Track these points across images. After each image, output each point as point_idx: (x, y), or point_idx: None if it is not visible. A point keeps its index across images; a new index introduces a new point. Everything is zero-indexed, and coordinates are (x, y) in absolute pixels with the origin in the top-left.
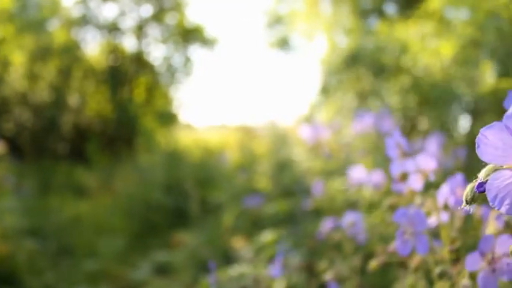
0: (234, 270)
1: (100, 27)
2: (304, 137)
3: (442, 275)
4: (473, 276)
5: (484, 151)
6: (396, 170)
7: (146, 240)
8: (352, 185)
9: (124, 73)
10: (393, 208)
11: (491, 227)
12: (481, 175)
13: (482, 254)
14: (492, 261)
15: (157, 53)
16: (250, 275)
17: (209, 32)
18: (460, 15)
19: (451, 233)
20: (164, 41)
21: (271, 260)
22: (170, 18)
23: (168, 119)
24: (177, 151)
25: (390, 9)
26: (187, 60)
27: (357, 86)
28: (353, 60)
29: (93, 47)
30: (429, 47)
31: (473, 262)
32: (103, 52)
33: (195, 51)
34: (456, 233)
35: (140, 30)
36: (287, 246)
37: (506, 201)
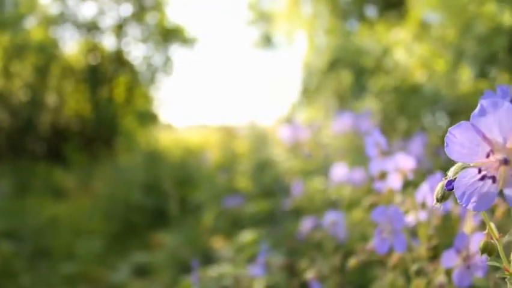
0: (214, 271)
1: (79, 25)
2: (284, 137)
3: (419, 272)
4: (449, 272)
5: (452, 149)
6: (375, 168)
7: (125, 241)
8: (332, 184)
9: (104, 72)
10: (373, 207)
11: (467, 225)
12: (450, 173)
13: (458, 251)
14: (467, 258)
15: (137, 52)
16: (231, 275)
17: (189, 31)
18: (438, 20)
19: (428, 231)
20: (144, 40)
21: (251, 259)
22: (151, 18)
23: (148, 118)
24: (157, 151)
25: (370, 11)
26: (168, 59)
27: (338, 87)
28: (334, 62)
29: (71, 45)
30: (409, 49)
31: (449, 259)
32: (82, 51)
33: (175, 50)
34: (433, 231)
35: (120, 29)
36: (267, 246)
37: (473, 199)
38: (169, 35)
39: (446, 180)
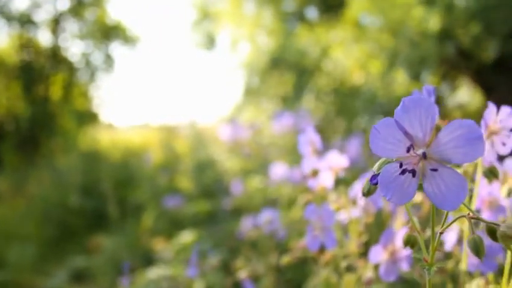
0: (153, 273)
1: (10, 18)
2: (224, 136)
3: (349, 269)
4: (377, 268)
5: (376, 145)
6: (307, 167)
7: (62, 246)
8: (271, 183)
9: (39, 69)
10: (307, 205)
11: (398, 221)
12: (375, 168)
13: (384, 247)
14: (393, 253)
15: (75, 49)
16: (169, 277)
17: (131, 29)
18: (375, 23)
19: (358, 228)
20: (82, 36)
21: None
22: (90, 13)
23: (87, 118)
24: (97, 151)
25: (312, 13)
26: (108, 57)
27: (279, 87)
28: (276, 63)
29: (2, 39)
30: (347, 51)
31: (376, 254)
32: (14, 46)
33: (116, 48)
34: (363, 227)
35: (56, 24)
36: (207, 246)
37: (396, 192)
38: (109, 33)
39: (371, 175)
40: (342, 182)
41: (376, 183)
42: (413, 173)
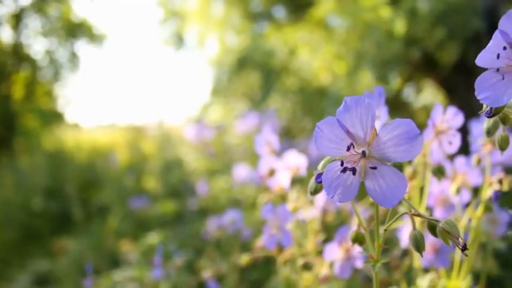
0: (119, 275)
1: None
2: (190, 136)
3: (305, 267)
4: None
5: (319, 144)
6: (264, 166)
7: (25, 250)
8: (236, 184)
9: (0, 67)
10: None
11: (356, 219)
12: (319, 167)
13: (339, 244)
14: (348, 251)
15: (38, 46)
16: (135, 279)
17: (98, 27)
18: (342, 24)
19: (315, 226)
20: (46, 33)
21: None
22: (53, 10)
23: (52, 117)
24: (62, 152)
25: (280, 13)
26: (73, 55)
27: (247, 87)
28: (243, 62)
29: None
30: (315, 51)
31: (331, 252)
32: None
33: (82, 46)
34: (320, 226)
35: (17, 20)
36: (173, 246)
37: (339, 191)
38: (74, 30)
39: (316, 174)
40: (302, 182)
41: (321, 182)
42: (354, 171)
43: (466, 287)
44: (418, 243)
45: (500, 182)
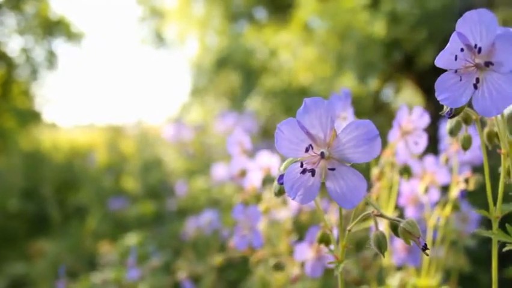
0: (96, 277)
1: None
2: (168, 136)
3: (277, 267)
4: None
5: (280, 145)
6: (236, 166)
7: (1, 253)
8: (215, 184)
9: None
10: (245, 204)
11: (332, 218)
12: (281, 168)
13: (310, 244)
14: (318, 250)
15: (14, 44)
16: (113, 280)
17: (75, 25)
18: (322, 26)
19: (288, 226)
20: (22, 31)
21: (137, 262)
22: (30, 7)
23: (29, 117)
24: (39, 152)
25: (260, 14)
26: (51, 54)
27: (227, 87)
28: (224, 62)
29: None
30: (295, 53)
31: (302, 252)
32: None
33: (60, 45)
34: (292, 226)
35: None
36: (152, 247)
37: (300, 192)
38: (52, 28)
39: (278, 175)
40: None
41: (283, 183)
42: (313, 172)
43: (436, 284)
44: (380, 244)
45: (467, 181)
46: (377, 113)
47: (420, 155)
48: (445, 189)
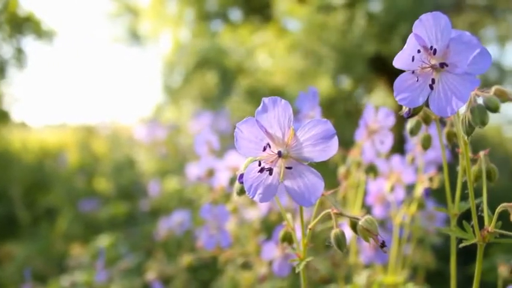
0: (66, 280)
1: None
2: (140, 136)
3: (244, 266)
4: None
5: (240, 144)
6: (202, 166)
7: None
8: (188, 184)
9: None
10: (214, 204)
11: (300, 217)
12: (242, 167)
13: (277, 243)
14: (285, 249)
15: None
16: (83, 283)
17: (46, 22)
18: (298, 26)
19: (256, 226)
20: None
21: (108, 264)
22: None
23: None
24: (8, 153)
25: (235, 14)
26: (19, 52)
27: (203, 87)
28: (199, 62)
29: None
30: (271, 53)
31: (269, 251)
32: None
33: (29, 42)
34: (261, 225)
35: None
36: (124, 249)
37: (259, 191)
38: (21, 25)
39: (239, 174)
40: None
41: (243, 182)
42: (270, 171)
43: (402, 281)
44: (339, 242)
45: (431, 179)
46: (349, 113)
47: (387, 154)
48: (412, 187)
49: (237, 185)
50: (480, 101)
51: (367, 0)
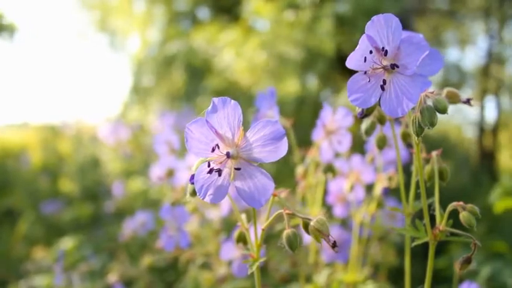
0: (25, 284)
1: None
2: (104, 136)
3: (203, 266)
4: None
5: (191, 145)
6: (162, 166)
7: None
8: (153, 184)
9: None
10: (175, 204)
11: (253, 218)
12: (193, 168)
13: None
14: (241, 249)
15: None
16: (45, 287)
17: (7, 17)
18: (265, 26)
19: (216, 226)
20: None
21: (71, 267)
22: None
23: None
24: None
25: (204, 13)
26: None
27: (171, 87)
28: (166, 61)
29: None
30: (239, 53)
31: (228, 251)
32: None
33: None
34: (221, 226)
35: None
36: (88, 251)
37: (210, 192)
38: None
39: (190, 175)
40: None
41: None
42: (219, 172)
43: (362, 279)
44: (290, 242)
45: (390, 179)
46: (318, 113)
47: (348, 154)
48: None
49: (189, 185)
50: (430, 102)
51: (335, 0)
